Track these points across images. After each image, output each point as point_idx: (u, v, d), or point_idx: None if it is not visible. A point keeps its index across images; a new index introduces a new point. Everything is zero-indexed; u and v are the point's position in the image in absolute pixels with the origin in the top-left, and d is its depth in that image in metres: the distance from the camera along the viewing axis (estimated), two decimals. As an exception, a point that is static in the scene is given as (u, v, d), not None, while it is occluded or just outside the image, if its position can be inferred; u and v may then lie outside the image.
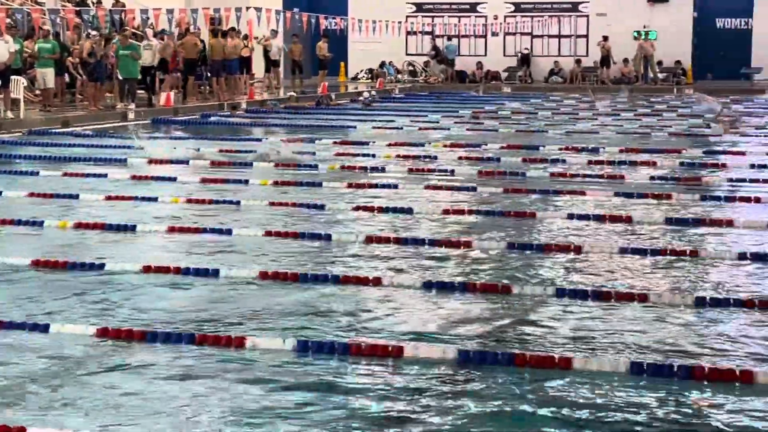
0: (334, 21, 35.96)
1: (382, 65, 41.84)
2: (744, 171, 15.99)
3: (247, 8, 30.77)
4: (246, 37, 32.09)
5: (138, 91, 26.16)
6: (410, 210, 12.23)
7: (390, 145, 19.08)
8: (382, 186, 14.25)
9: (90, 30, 26.42)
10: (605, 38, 39.44)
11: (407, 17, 41.91)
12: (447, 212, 12.15)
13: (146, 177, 15.00)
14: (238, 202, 12.70)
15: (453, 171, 15.75)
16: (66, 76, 25.81)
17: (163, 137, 21.13)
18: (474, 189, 13.95)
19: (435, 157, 17.52)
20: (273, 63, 34.61)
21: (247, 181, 14.51)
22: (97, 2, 31.05)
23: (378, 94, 34.27)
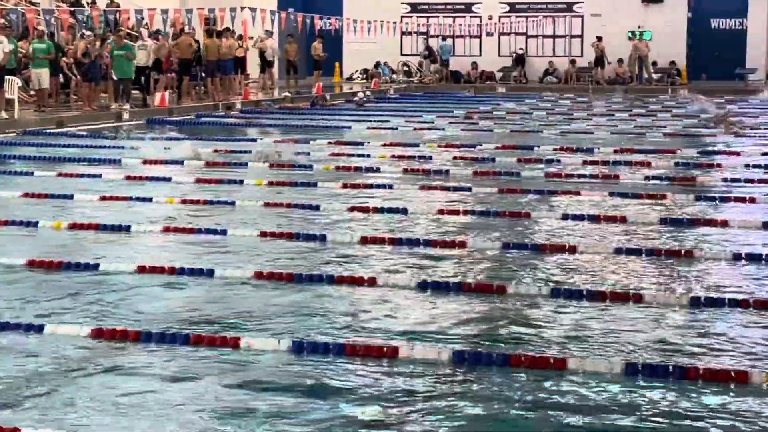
0: (329, 21, 35.91)
1: (377, 65, 41.83)
2: (739, 171, 16.00)
3: (242, 8, 30.75)
4: (241, 38, 32.07)
5: (132, 92, 26.14)
6: (405, 210, 12.23)
7: (385, 146, 19.08)
8: (377, 186, 14.25)
9: (84, 30, 26.37)
10: (599, 39, 39.46)
11: (402, 17, 41.90)
12: (442, 212, 12.15)
13: (141, 177, 14.98)
14: (233, 203, 12.69)
15: (448, 171, 15.75)
16: (60, 77, 25.78)
17: (158, 137, 21.08)
18: (469, 189, 13.95)
19: (430, 158, 17.52)
20: (268, 63, 34.59)
21: (242, 182, 14.51)
22: (92, 2, 31.02)
23: (373, 95, 34.27)
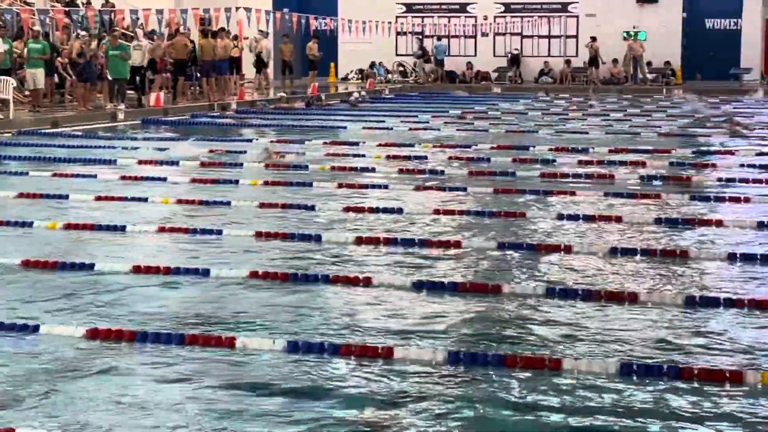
0: (324, 21, 35.93)
1: (372, 66, 41.84)
2: (734, 171, 16.02)
3: (237, 8, 30.75)
4: (236, 38, 32.07)
5: (127, 92, 26.12)
6: (400, 210, 12.23)
7: (380, 146, 19.08)
8: (373, 186, 14.25)
9: (79, 30, 26.36)
10: (593, 39, 39.47)
11: (397, 18, 41.91)
12: (437, 212, 12.15)
13: (136, 177, 14.97)
14: (229, 203, 12.68)
15: (443, 171, 15.75)
16: (55, 77, 25.77)
17: (154, 138, 21.07)
18: (464, 189, 13.95)
19: (425, 158, 17.52)
20: (263, 64, 34.60)
21: (238, 182, 14.50)
22: (87, 3, 31.01)
23: (368, 95, 34.26)
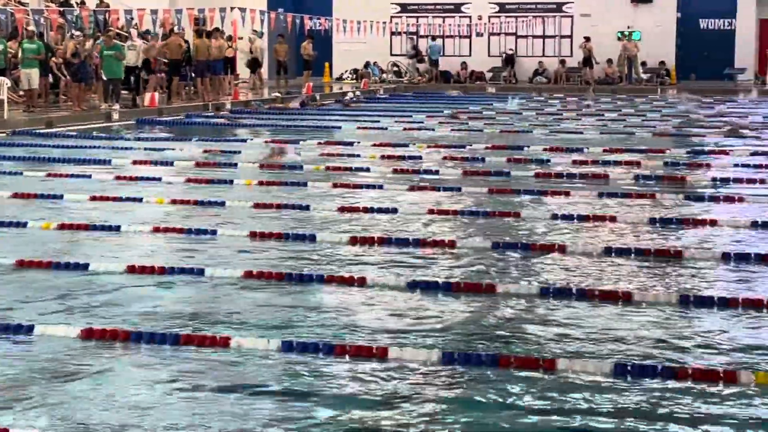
0: (319, 21, 35.90)
1: (367, 65, 41.83)
2: (728, 170, 16.04)
3: (232, 9, 30.71)
4: (230, 38, 32.04)
5: (122, 92, 26.10)
6: (395, 210, 12.24)
7: (375, 146, 19.08)
8: (367, 186, 14.25)
9: (74, 30, 26.32)
10: (587, 39, 39.49)
11: (392, 17, 41.90)
12: (432, 212, 12.15)
13: (131, 177, 14.96)
14: (223, 203, 12.68)
15: (437, 171, 15.76)
16: (50, 77, 25.73)
17: (149, 138, 21.05)
18: (459, 189, 13.96)
19: (420, 158, 17.53)
20: (258, 64, 34.58)
21: (232, 182, 14.50)
22: (81, 2, 30.96)
23: (363, 95, 34.24)
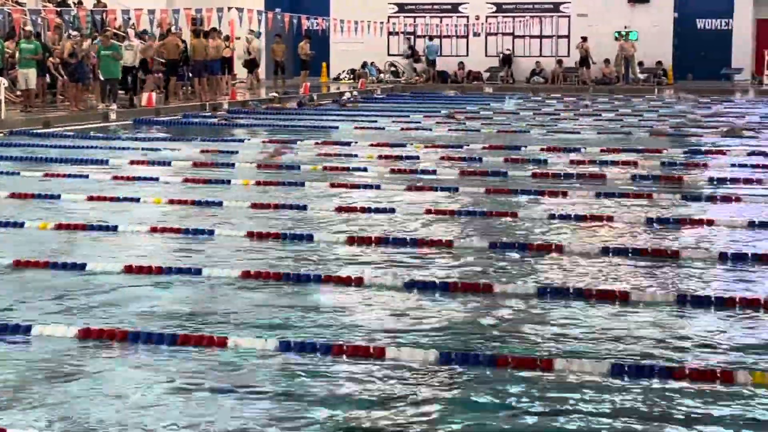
0: (316, 21, 35.91)
1: (364, 66, 41.84)
2: (725, 170, 16.05)
3: (229, 9, 30.71)
4: (227, 38, 32.04)
5: (119, 92, 26.09)
6: (392, 210, 12.24)
7: (372, 146, 19.08)
8: (365, 186, 14.25)
9: (71, 30, 26.32)
10: (584, 39, 39.53)
11: (389, 18, 41.91)
12: (429, 212, 12.16)
13: (128, 178, 14.96)
14: (221, 203, 12.68)
15: (435, 171, 15.76)
16: (47, 77, 25.72)
17: (147, 138, 21.04)
18: (456, 189, 13.96)
19: (417, 158, 17.53)
20: (255, 63, 34.59)
21: (229, 182, 14.49)
22: (78, 2, 30.95)
23: (360, 95, 34.23)
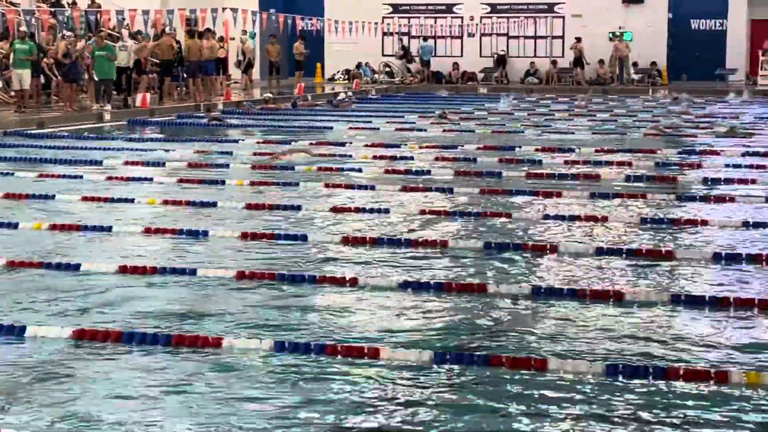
0: (311, 22, 35.90)
1: (359, 66, 41.83)
2: (720, 171, 16.06)
3: (223, 9, 30.70)
4: (222, 39, 32.02)
5: (113, 92, 26.07)
6: (387, 210, 12.24)
7: (367, 146, 19.08)
8: (359, 187, 14.25)
9: (65, 31, 26.30)
10: (578, 40, 39.54)
11: (383, 18, 41.91)
12: (423, 212, 12.16)
13: (122, 178, 14.95)
14: (215, 203, 12.67)
15: (429, 171, 15.76)
16: (41, 77, 25.69)
17: (141, 138, 21.03)
18: (451, 190, 13.96)
19: (411, 158, 17.53)
20: (250, 64, 34.58)
21: (224, 182, 14.48)
22: (73, 3, 30.93)
23: (354, 95, 34.22)
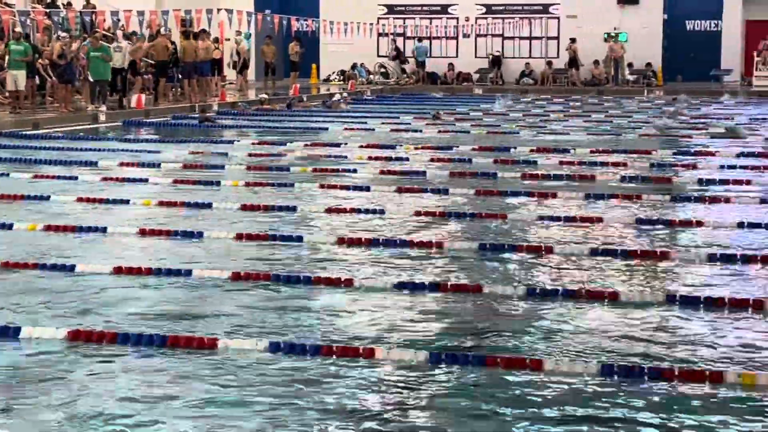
0: (306, 23, 35.89)
1: (354, 67, 41.83)
2: (714, 172, 16.08)
3: (218, 10, 30.70)
4: (217, 40, 32.01)
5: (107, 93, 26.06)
6: (382, 211, 12.24)
7: (362, 147, 19.08)
8: (355, 188, 14.24)
9: (60, 32, 26.28)
10: (572, 40, 39.58)
11: (379, 19, 41.92)
12: (419, 213, 12.16)
13: (117, 179, 14.94)
14: (210, 204, 12.66)
15: (425, 172, 15.76)
16: (36, 78, 25.67)
17: (136, 139, 21.01)
18: (446, 190, 13.96)
19: (407, 159, 17.54)
20: (245, 65, 34.58)
21: (219, 183, 14.48)
22: (68, 4, 30.91)
23: (349, 96, 34.20)
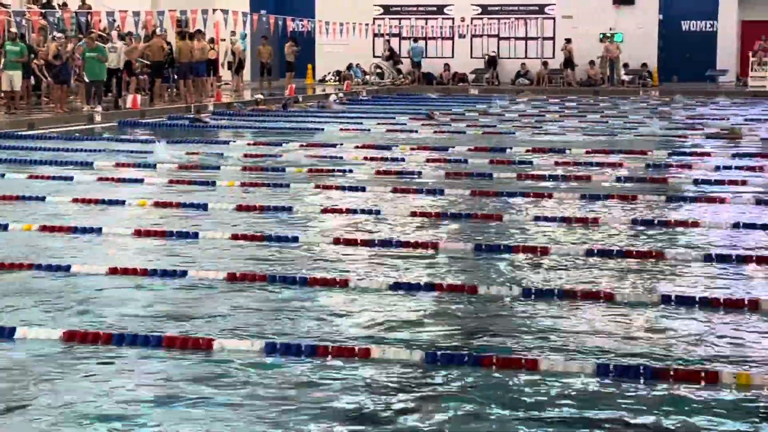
0: (301, 23, 35.88)
1: (350, 67, 41.83)
2: (709, 172, 16.08)
3: (214, 10, 30.69)
4: (212, 40, 31.99)
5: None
6: (378, 212, 12.24)
7: (357, 148, 19.08)
8: (350, 188, 14.24)
9: (56, 32, 26.26)
10: (568, 41, 39.61)
11: (374, 19, 41.92)
12: (414, 214, 12.16)
13: (113, 179, 14.93)
14: (206, 205, 12.65)
15: (420, 173, 15.77)
16: (32, 79, 25.65)
17: (131, 140, 21.00)
18: (441, 191, 13.96)
19: (402, 159, 17.54)
20: (240, 65, 34.57)
21: (214, 183, 14.47)
22: (63, 4, 30.88)
23: (345, 96, 34.21)
